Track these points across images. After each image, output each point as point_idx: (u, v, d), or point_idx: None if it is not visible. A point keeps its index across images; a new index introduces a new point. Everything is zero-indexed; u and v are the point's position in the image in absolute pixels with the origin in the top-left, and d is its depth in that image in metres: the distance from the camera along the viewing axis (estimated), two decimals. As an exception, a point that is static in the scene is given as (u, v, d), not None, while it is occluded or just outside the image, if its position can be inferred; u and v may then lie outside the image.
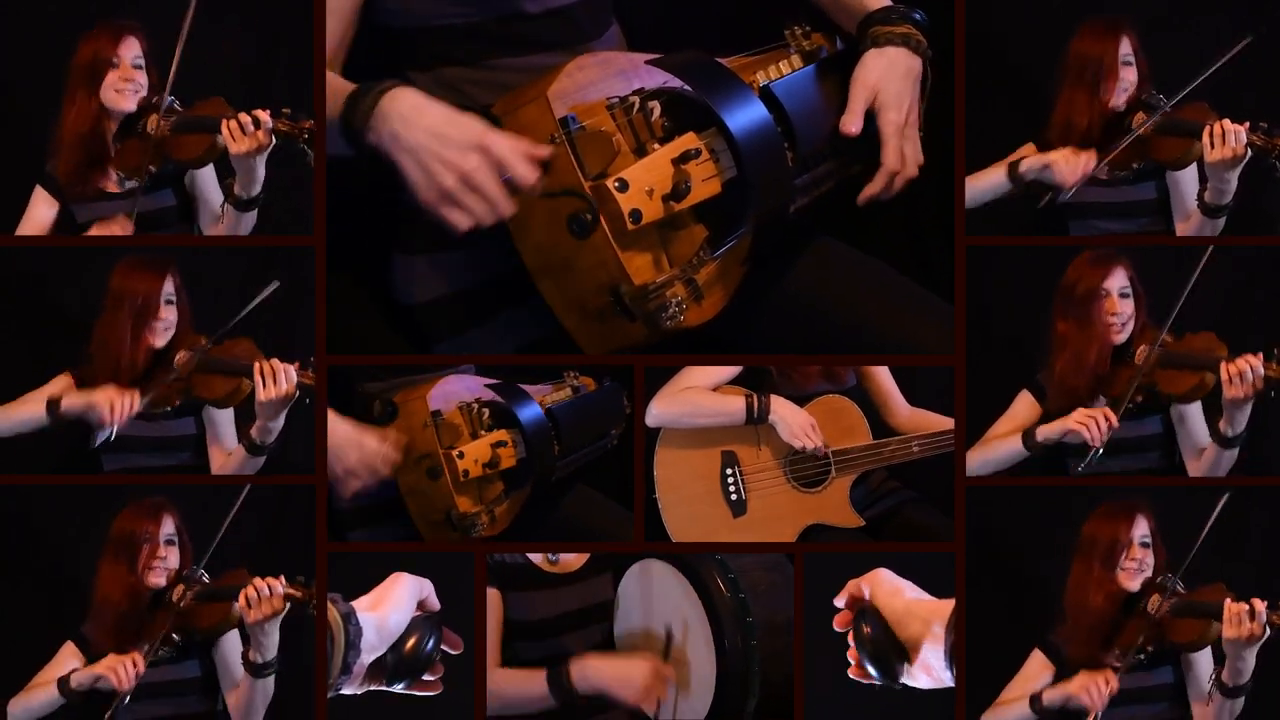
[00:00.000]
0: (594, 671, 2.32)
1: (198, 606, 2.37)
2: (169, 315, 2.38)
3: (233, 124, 2.31)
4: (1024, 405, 2.41)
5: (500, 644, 2.36)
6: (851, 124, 2.18)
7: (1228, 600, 2.30)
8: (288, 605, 2.34)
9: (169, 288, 2.38)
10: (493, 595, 2.35)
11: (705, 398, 2.48)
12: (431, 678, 1.78)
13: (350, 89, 2.09)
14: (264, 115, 2.31)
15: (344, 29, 2.21)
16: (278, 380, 2.33)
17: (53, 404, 2.34)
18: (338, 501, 2.33)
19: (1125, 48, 2.40)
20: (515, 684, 2.33)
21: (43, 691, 2.35)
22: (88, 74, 2.34)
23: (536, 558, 2.39)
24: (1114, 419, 2.35)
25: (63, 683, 2.35)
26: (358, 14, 2.21)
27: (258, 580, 2.33)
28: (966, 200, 2.39)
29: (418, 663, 1.75)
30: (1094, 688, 2.35)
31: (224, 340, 2.37)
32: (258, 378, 2.34)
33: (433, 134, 2.04)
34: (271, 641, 2.36)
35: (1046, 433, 2.38)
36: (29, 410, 2.34)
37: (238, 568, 2.37)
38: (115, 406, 2.33)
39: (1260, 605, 2.29)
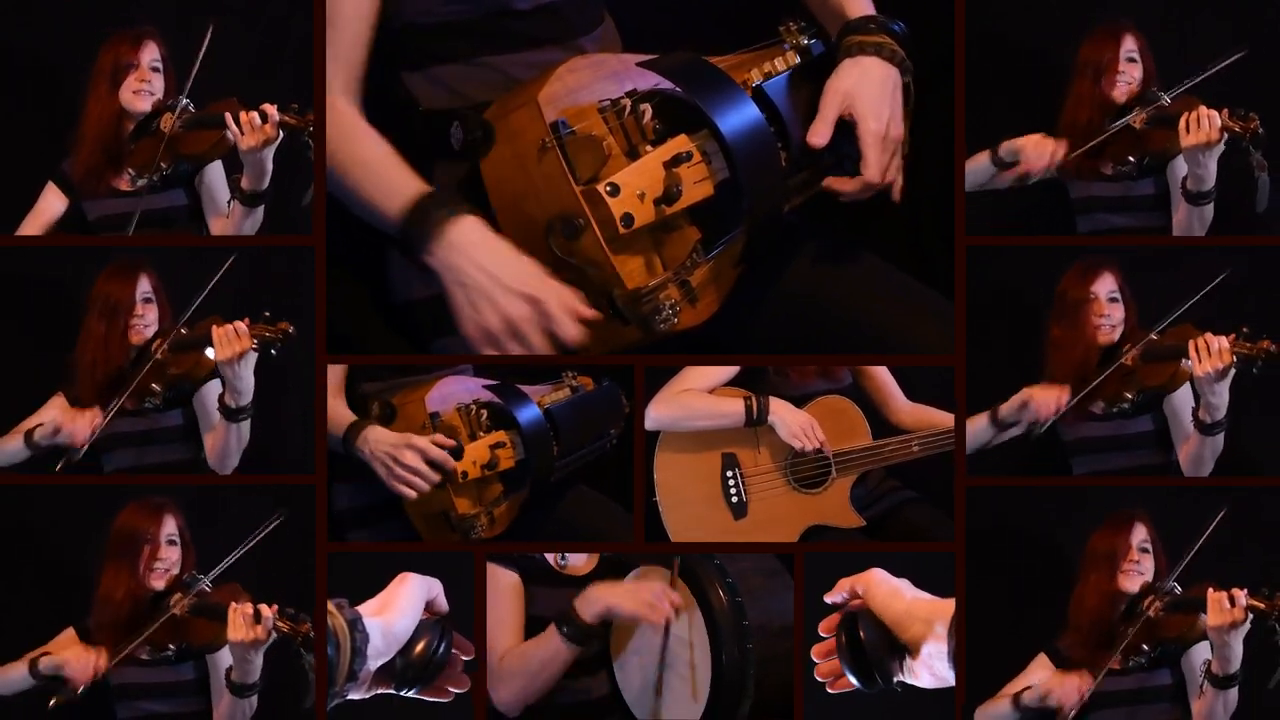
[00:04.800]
0: (596, 593, 2.30)
1: (192, 619, 2.35)
2: (148, 313, 2.39)
3: (240, 118, 2.34)
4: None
5: (523, 630, 2.35)
6: (817, 135, 2.14)
7: (1210, 589, 2.33)
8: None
9: (145, 286, 2.39)
10: (514, 581, 2.35)
11: (703, 401, 2.47)
12: (456, 689, 1.75)
13: (413, 191, 2.10)
14: (271, 109, 2.34)
15: (366, 31, 2.20)
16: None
17: (29, 435, 2.37)
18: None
19: (1130, 45, 2.41)
20: (532, 650, 2.32)
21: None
22: (109, 77, 2.38)
23: (550, 557, 2.38)
24: None
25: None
26: (378, 15, 2.20)
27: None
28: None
29: (429, 667, 1.72)
30: (1068, 688, 2.35)
31: (195, 324, 2.37)
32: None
33: (489, 273, 2.06)
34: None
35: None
36: (10, 445, 2.38)
37: (232, 581, 2.36)
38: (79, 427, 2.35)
39: (1240, 593, 2.32)
